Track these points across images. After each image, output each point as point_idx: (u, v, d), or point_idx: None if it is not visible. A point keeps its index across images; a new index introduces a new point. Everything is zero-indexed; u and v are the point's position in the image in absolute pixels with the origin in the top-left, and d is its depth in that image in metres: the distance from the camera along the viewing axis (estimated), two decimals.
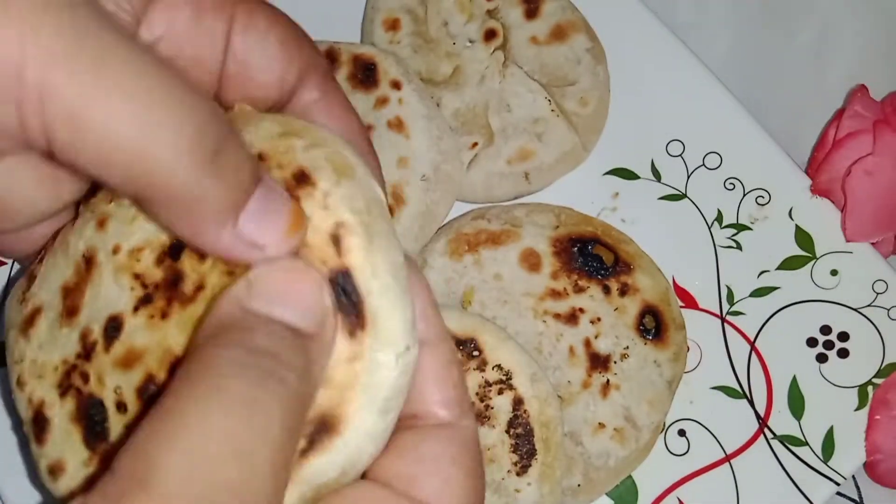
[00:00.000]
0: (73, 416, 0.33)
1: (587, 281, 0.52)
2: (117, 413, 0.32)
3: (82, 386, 0.33)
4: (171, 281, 0.31)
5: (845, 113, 0.57)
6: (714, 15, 0.65)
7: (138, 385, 0.31)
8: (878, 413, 0.52)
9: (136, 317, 0.32)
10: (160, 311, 0.31)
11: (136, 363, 0.31)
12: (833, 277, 0.54)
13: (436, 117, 0.54)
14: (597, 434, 0.50)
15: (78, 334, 0.33)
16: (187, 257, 0.31)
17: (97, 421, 0.32)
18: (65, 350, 0.33)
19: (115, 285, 0.33)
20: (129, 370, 0.31)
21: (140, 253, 0.32)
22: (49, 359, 0.34)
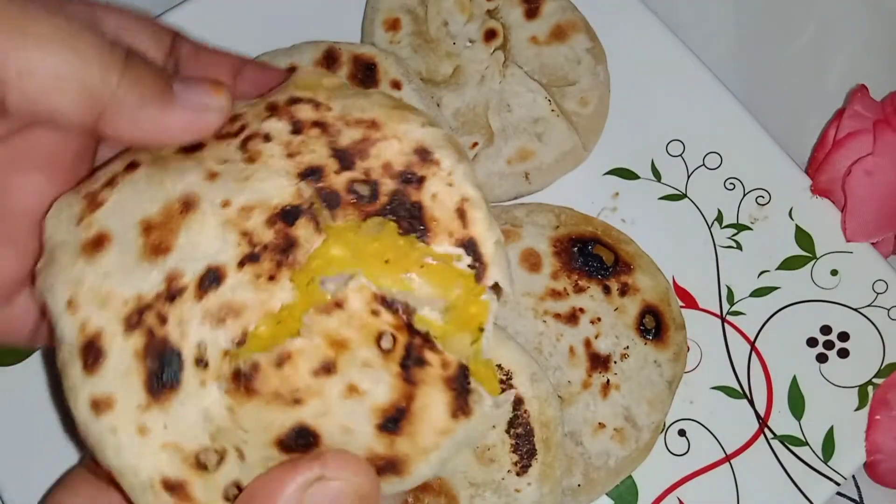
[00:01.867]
0: (139, 354, 0.32)
1: (587, 281, 0.52)
2: (195, 368, 0.31)
3: (157, 327, 0.32)
4: (282, 245, 0.32)
5: (845, 113, 0.57)
6: (714, 15, 0.65)
7: (228, 343, 0.31)
8: (878, 413, 0.52)
9: (241, 273, 0.32)
10: (267, 273, 0.32)
11: (231, 318, 0.31)
12: (833, 277, 0.54)
13: (436, 117, 0.54)
14: (597, 434, 0.50)
15: (163, 274, 0.32)
16: (303, 223, 0.32)
17: (168, 369, 0.31)
18: (142, 286, 0.32)
19: (220, 237, 0.32)
20: (221, 325, 0.31)
21: (251, 212, 0.33)
22: (118, 290, 0.33)
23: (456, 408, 0.31)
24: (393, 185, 0.33)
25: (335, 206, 0.33)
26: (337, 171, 0.33)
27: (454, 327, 0.32)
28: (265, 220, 0.32)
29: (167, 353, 0.31)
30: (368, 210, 0.33)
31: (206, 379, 0.31)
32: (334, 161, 0.33)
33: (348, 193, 0.33)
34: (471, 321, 0.32)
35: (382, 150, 0.33)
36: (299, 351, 0.30)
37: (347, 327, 0.31)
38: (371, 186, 0.33)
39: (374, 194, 0.33)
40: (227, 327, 0.31)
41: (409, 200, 0.33)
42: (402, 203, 0.33)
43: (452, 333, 0.32)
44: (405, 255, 0.32)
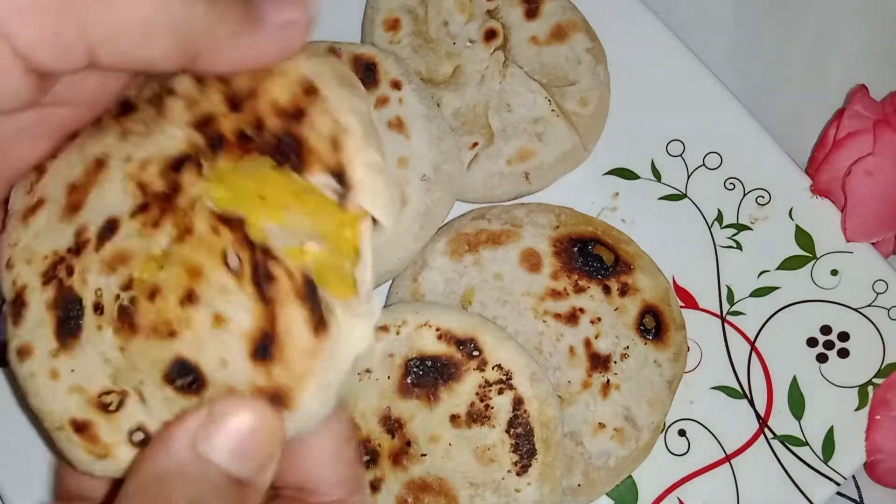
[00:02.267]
0: (50, 304, 0.34)
1: (587, 281, 0.52)
2: (93, 314, 0.33)
3: (65, 278, 0.34)
4: (167, 193, 0.33)
5: (845, 113, 0.57)
6: (714, 15, 0.65)
7: (117, 289, 0.32)
8: (878, 413, 0.52)
9: (132, 222, 0.33)
10: (153, 221, 0.33)
11: (120, 266, 0.33)
12: (833, 277, 0.54)
13: (436, 117, 0.54)
14: (597, 434, 0.50)
15: (74, 230, 0.34)
16: (187, 170, 0.33)
17: (72, 317, 0.33)
18: (58, 242, 0.34)
19: (121, 191, 0.34)
20: (113, 273, 0.33)
21: (148, 163, 0.34)
22: (41, 248, 0.35)
23: (315, 324, 0.30)
24: (278, 122, 0.33)
25: (219, 150, 0.33)
26: (226, 115, 0.34)
27: (331, 255, 0.32)
28: (159, 171, 0.33)
29: (71, 302, 0.33)
30: (250, 149, 0.33)
31: (102, 324, 0.33)
32: (226, 106, 0.34)
33: (235, 136, 0.33)
34: (345, 246, 0.32)
35: (269, 88, 0.33)
36: (165, 281, 0.31)
37: (198, 251, 0.31)
38: (257, 126, 0.33)
39: (259, 133, 0.33)
40: (117, 274, 0.33)
41: (290, 135, 0.33)
42: (283, 139, 0.33)
43: (329, 261, 0.31)
44: (277, 190, 0.32)
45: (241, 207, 0.32)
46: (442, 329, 0.48)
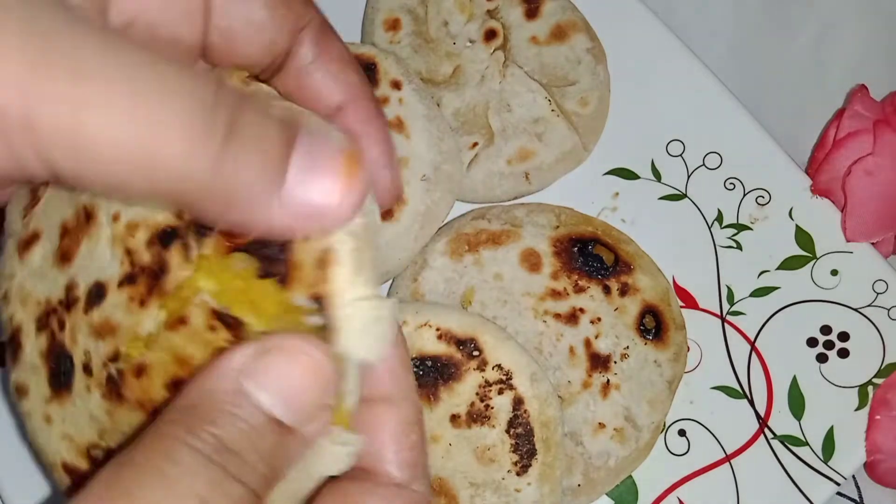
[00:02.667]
0: (43, 354, 0.34)
1: (587, 281, 0.52)
2: (83, 374, 0.33)
3: (57, 332, 0.34)
4: (155, 270, 0.31)
5: (845, 113, 0.57)
6: (714, 15, 0.65)
7: (105, 358, 0.32)
8: (878, 413, 0.52)
9: (120, 293, 0.32)
10: (139, 297, 0.31)
11: (108, 336, 0.32)
12: (833, 277, 0.54)
13: (436, 117, 0.54)
14: (597, 434, 0.50)
15: (65, 282, 0.34)
16: (176, 249, 0.31)
17: (63, 371, 0.33)
18: (50, 290, 0.34)
19: (109, 252, 0.33)
20: (101, 340, 0.32)
21: (136, 229, 0.32)
22: (35, 291, 0.34)
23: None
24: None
25: (206, 236, 0.31)
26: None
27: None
28: (146, 239, 0.32)
29: (62, 357, 0.33)
30: (237, 243, 0.30)
31: (91, 385, 0.32)
32: None
33: (220, 232, 0.31)
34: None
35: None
36: (152, 364, 0.30)
37: (191, 343, 0.30)
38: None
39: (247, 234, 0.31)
40: (104, 342, 0.32)
41: (276, 243, 0.29)
42: (271, 241, 0.30)
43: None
44: (267, 302, 0.30)
45: (235, 310, 0.30)
46: (442, 329, 0.48)
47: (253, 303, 0.30)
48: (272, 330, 0.28)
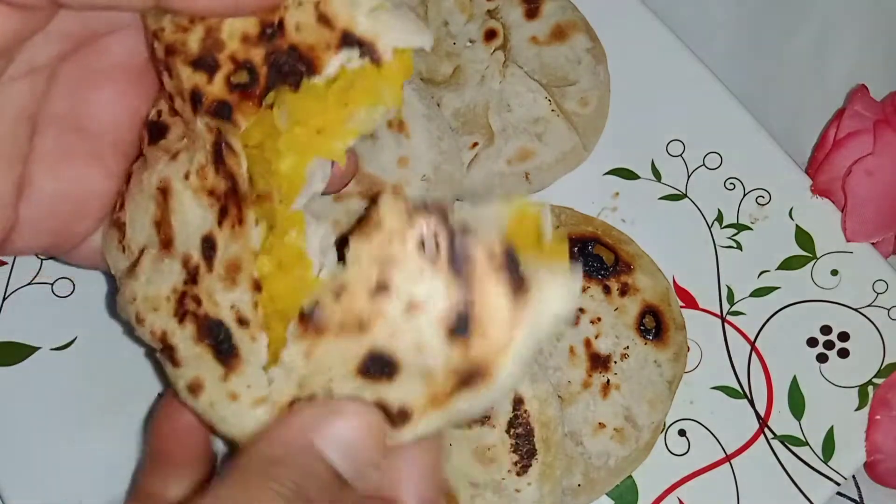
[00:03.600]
0: (196, 338, 0.34)
1: (587, 281, 0.52)
2: (240, 328, 0.33)
3: (197, 309, 0.34)
4: (230, 185, 0.32)
5: (845, 112, 0.57)
6: (714, 15, 0.65)
7: (251, 297, 0.32)
8: (878, 413, 0.52)
9: (223, 230, 0.33)
10: (237, 219, 0.32)
11: (238, 275, 0.33)
12: (833, 277, 0.54)
13: (436, 117, 0.54)
14: (597, 434, 0.50)
15: (179, 262, 0.34)
16: (227, 155, 0.32)
17: (222, 340, 0.33)
18: (171, 280, 0.34)
19: (198, 207, 0.34)
20: (237, 285, 0.33)
21: (205, 170, 0.33)
22: (158, 291, 0.35)
23: (514, 292, 0.29)
24: (262, 50, 0.32)
25: (231, 115, 0.32)
26: (209, 81, 0.33)
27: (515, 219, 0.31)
28: (215, 171, 0.33)
29: (214, 328, 0.33)
30: (258, 93, 0.32)
31: (254, 333, 0.33)
32: (200, 73, 0.33)
33: (232, 93, 0.32)
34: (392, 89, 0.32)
35: (232, 27, 0.32)
36: (352, 278, 0.30)
37: (389, 244, 0.30)
38: (247, 69, 0.32)
39: (254, 74, 0.32)
40: (239, 283, 0.33)
41: (283, 52, 0.31)
42: (280, 60, 0.31)
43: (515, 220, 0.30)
44: (324, 111, 0.32)
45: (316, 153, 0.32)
46: None
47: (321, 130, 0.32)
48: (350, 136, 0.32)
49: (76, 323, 0.53)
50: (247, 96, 0.32)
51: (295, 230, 0.33)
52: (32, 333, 0.52)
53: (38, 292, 0.53)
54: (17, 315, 0.53)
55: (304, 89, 0.32)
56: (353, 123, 0.32)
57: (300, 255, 0.33)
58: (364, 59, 0.31)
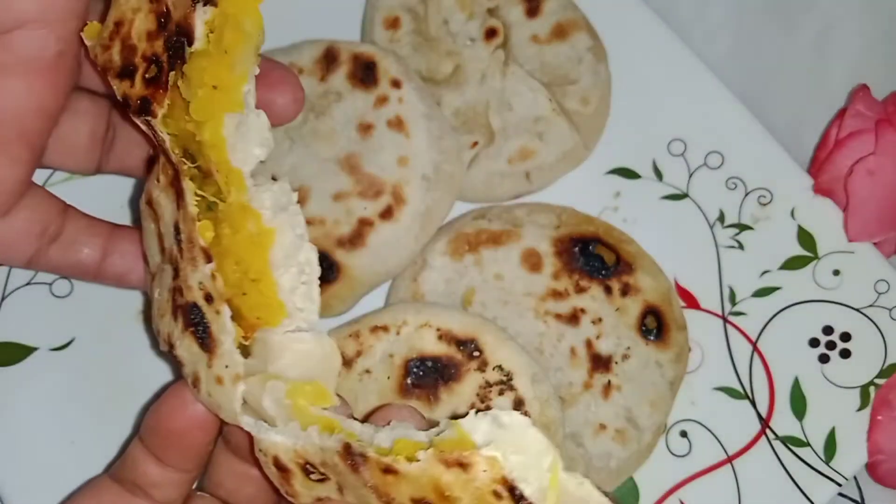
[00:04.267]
0: (183, 327, 0.36)
1: (588, 281, 0.52)
2: (208, 305, 0.35)
3: (180, 300, 0.36)
4: (175, 172, 0.37)
5: (847, 112, 0.57)
6: (715, 14, 0.65)
7: (206, 268, 0.35)
8: (880, 413, 0.52)
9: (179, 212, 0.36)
10: (179, 194, 0.36)
11: (193, 250, 0.35)
12: (835, 277, 0.54)
13: (436, 116, 0.54)
14: (598, 435, 0.50)
15: (169, 262, 0.38)
16: (161, 146, 0.36)
17: (197, 322, 0.35)
18: (167, 282, 0.38)
19: (167, 200, 0.37)
20: (195, 261, 0.35)
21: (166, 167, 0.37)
22: (162, 298, 0.38)
23: None
24: (160, 41, 0.36)
25: (149, 108, 0.36)
26: (131, 85, 0.37)
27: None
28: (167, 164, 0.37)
29: (191, 311, 0.36)
30: (164, 80, 0.36)
31: (218, 307, 0.35)
32: (125, 81, 0.37)
33: (147, 88, 0.36)
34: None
35: (138, 29, 0.37)
36: (407, 474, 0.30)
37: (462, 489, 0.30)
38: (154, 64, 0.36)
39: (160, 65, 0.36)
40: (196, 258, 0.35)
41: (171, 32, 0.35)
42: (171, 41, 0.35)
43: None
44: (210, 66, 0.35)
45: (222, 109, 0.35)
46: (442, 329, 0.47)
47: (215, 87, 0.35)
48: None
49: (75, 323, 0.53)
50: (157, 86, 0.36)
51: (233, 188, 0.35)
52: (31, 333, 0.52)
53: (37, 292, 0.53)
54: (16, 315, 0.53)
55: (191, 58, 0.35)
56: (237, 67, 0.35)
57: (244, 209, 0.35)
58: (209, 5, 0.35)
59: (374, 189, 0.52)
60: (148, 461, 0.39)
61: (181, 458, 0.39)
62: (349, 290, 0.52)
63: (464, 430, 0.30)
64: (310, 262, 0.36)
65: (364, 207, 0.52)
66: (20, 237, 0.41)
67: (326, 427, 0.33)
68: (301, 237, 0.36)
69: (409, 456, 0.30)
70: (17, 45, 0.37)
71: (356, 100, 0.53)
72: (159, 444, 0.39)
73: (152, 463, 0.39)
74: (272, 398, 0.34)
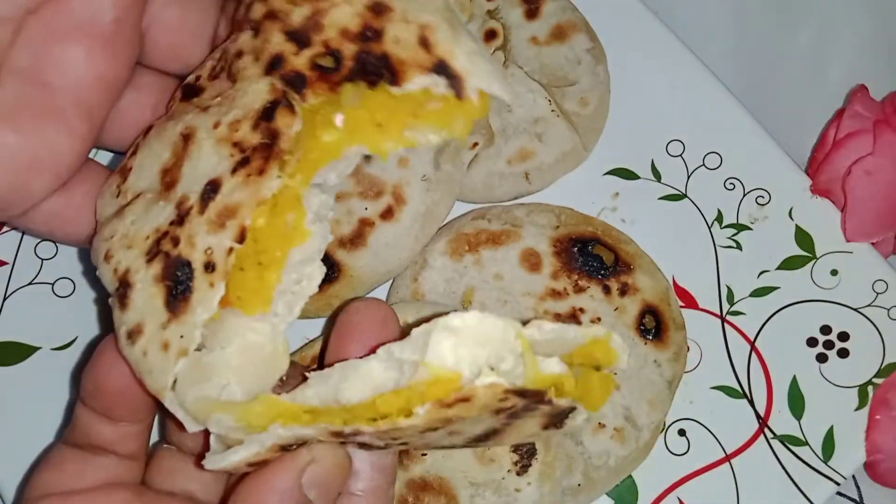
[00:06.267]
0: (158, 277, 0.34)
1: (587, 281, 0.52)
2: (204, 273, 0.33)
3: (171, 250, 0.34)
4: (267, 143, 0.33)
5: (845, 113, 0.57)
6: (714, 15, 0.65)
7: (230, 242, 0.33)
8: (878, 413, 0.52)
9: (234, 177, 0.34)
10: (257, 170, 0.33)
11: (229, 219, 0.33)
12: (833, 277, 0.54)
13: None
14: (597, 434, 0.50)
15: (174, 204, 0.35)
16: (281, 115, 0.34)
17: (181, 280, 0.33)
18: (158, 220, 0.35)
19: (216, 154, 0.35)
20: (222, 229, 0.33)
21: (238, 124, 0.34)
22: (140, 231, 0.35)
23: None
24: (355, 47, 0.34)
25: (303, 87, 0.34)
26: (296, 53, 0.34)
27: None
28: (251, 126, 0.34)
29: (180, 267, 0.34)
30: (336, 80, 0.34)
31: (215, 280, 0.33)
32: (291, 44, 0.34)
33: (312, 70, 0.34)
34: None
35: (335, 17, 0.34)
36: (409, 426, 0.31)
37: (468, 411, 0.30)
38: (334, 56, 0.34)
39: (339, 63, 0.34)
40: (226, 228, 0.33)
41: (373, 55, 0.33)
42: (367, 61, 0.33)
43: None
44: (391, 113, 0.34)
45: (363, 143, 0.34)
46: None
47: (381, 124, 0.34)
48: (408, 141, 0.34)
49: (76, 323, 0.53)
50: (324, 78, 0.34)
51: (300, 176, 0.34)
52: (33, 333, 0.53)
53: (39, 292, 0.53)
54: (17, 315, 0.53)
55: (379, 90, 0.34)
56: (412, 133, 0.34)
57: (297, 199, 0.34)
58: (450, 90, 0.33)
59: (374, 189, 0.52)
60: (98, 421, 0.38)
61: (130, 413, 0.38)
62: (349, 289, 0.52)
63: (437, 366, 0.30)
64: (312, 278, 0.36)
65: (364, 208, 0.52)
66: (79, 213, 0.40)
67: (289, 418, 0.33)
68: (320, 252, 0.36)
69: (406, 413, 0.30)
70: (73, 8, 0.36)
71: None
72: (103, 404, 0.38)
73: (102, 422, 0.38)
74: (220, 429, 0.33)
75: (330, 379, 0.32)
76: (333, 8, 0.34)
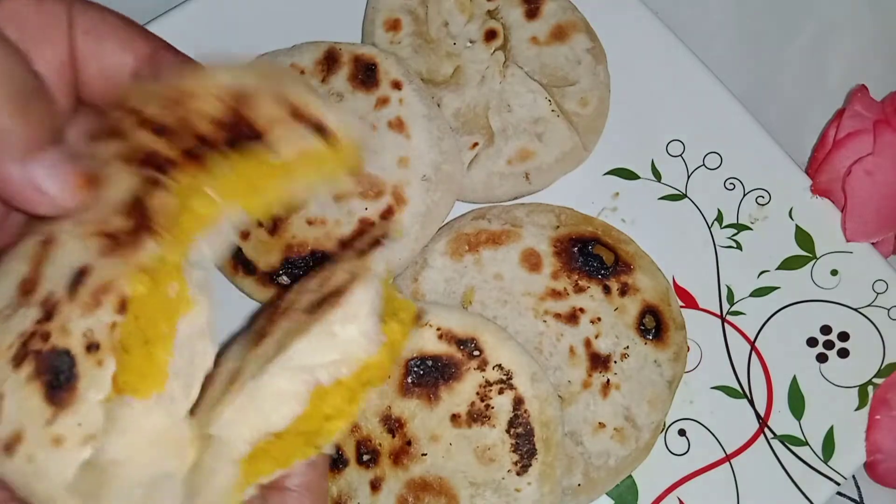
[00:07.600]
0: (31, 375, 0.32)
1: (587, 281, 0.52)
2: (87, 355, 0.32)
3: (42, 346, 0.32)
4: (139, 221, 0.33)
5: (845, 113, 0.57)
6: (714, 15, 0.65)
7: (111, 317, 0.32)
8: (878, 413, 0.52)
9: (105, 259, 0.33)
10: (130, 244, 0.33)
11: (105, 295, 0.32)
12: (833, 277, 0.54)
13: (436, 117, 0.54)
14: (597, 434, 0.50)
15: (38, 304, 0.33)
16: (150, 197, 0.34)
17: (61, 370, 0.32)
18: (21, 326, 0.33)
19: (81, 248, 0.34)
20: (99, 307, 0.32)
21: (107, 217, 0.34)
22: (2, 342, 0.33)
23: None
24: (222, 131, 0.35)
25: (172, 170, 0.34)
26: (164, 145, 0.35)
27: None
28: (122, 214, 0.34)
29: (56, 358, 0.32)
30: (205, 155, 0.34)
31: (102, 358, 0.32)
32: (158, 137, 0.35)
33: (181, 156, 0.35)
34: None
35: (198, 109, 0.35)
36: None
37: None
38: (202, 141, 0.34)
39: (206, 143, 0.35)
40: (103, 305, 0.32)
41: (241, 127, 0.34)
42: (236, 133, 0.34)
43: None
44: (266, 172, 0.34)
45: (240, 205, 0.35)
46: (442, 329, 0.48)
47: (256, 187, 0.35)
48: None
49: None
50: (193, 158, 0.34)
51: (179, 247, 0.34)
52: None
53: None
54: None
55: (249, 154, 0.34)
56: (289, 186, 0.35)
57: (177, 269, 0.34)
58: (321, 141, 0.35)
59: (374, 190, 0.52)
60: None
61: None
62: None
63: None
64: (205, 357, 0.34)
65: (365, 208, 0.52)
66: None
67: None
68: (210, 326, 0.34)
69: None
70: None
71: (357, 101, 0.54)
72: None
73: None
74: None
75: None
76: (192, 102, 0.35)
